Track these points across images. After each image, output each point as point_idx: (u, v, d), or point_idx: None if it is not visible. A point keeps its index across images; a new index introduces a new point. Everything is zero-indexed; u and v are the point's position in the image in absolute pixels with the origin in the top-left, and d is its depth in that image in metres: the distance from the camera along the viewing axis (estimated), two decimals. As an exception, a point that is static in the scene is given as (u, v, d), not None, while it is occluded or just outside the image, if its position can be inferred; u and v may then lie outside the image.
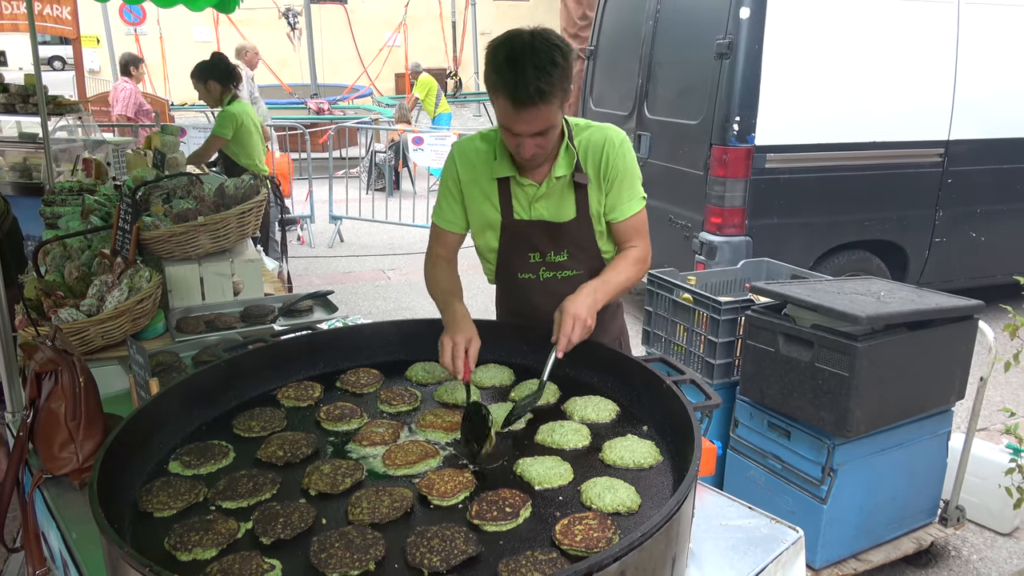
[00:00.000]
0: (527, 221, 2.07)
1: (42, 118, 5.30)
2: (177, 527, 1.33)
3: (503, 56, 1.76)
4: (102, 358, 2.39)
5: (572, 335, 1.80)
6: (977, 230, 5.73)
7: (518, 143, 1.88)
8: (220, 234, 2.86)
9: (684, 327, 3.54)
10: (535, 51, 1.74)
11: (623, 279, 2.02)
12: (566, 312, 1.83)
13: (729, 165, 4.87)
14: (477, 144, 2.10)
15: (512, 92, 1.75)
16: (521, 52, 1.74)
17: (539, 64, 1.73)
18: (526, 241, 2.09)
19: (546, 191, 2.04)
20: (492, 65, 1.79)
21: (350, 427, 1.74)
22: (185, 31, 17.97)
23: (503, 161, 2.03)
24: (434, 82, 13.03)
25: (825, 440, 2.89)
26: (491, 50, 1.81)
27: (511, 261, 2.13)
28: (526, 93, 1.74)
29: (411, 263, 8.13)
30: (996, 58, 5.43)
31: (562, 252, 2.10)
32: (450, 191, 2.14)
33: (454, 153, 2.13)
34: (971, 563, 3.35)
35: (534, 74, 1.72)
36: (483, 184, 2.08)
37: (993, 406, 4.56)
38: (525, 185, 2.04)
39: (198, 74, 5.37)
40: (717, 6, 4.91)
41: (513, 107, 1.77)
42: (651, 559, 1.19)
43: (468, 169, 2.09)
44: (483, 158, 2.07)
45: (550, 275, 2.12)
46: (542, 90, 1.74)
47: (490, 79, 1.81)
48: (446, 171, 2.15)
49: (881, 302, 2.89)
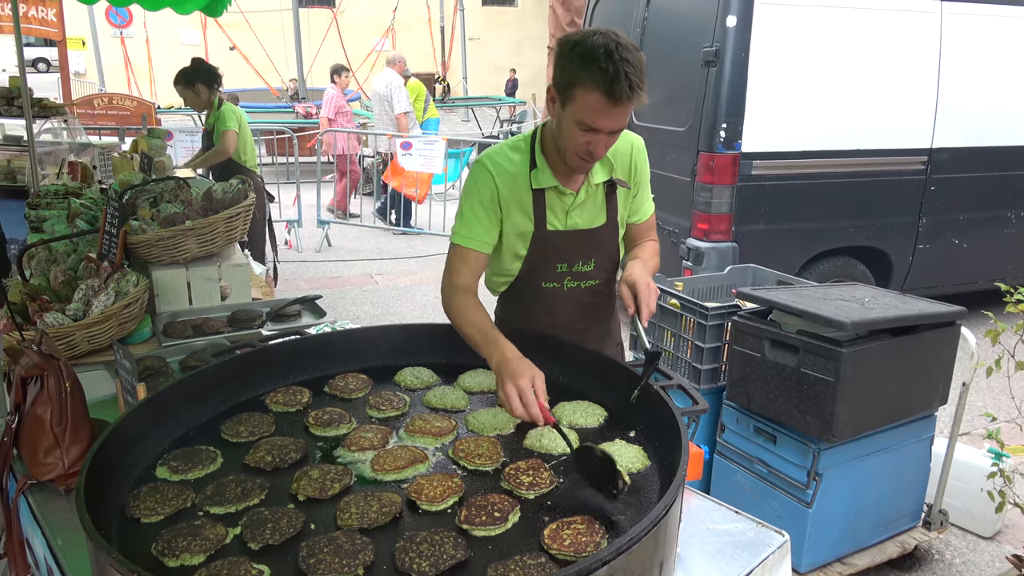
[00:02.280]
0: (561, 232, 2.05)
1: (27, 121, 5.26)
2: (165, 533, 1.32)
3: (599, 48, 1.72)
4: (88, 363, 2.38)
5: (651, 303, 1.83)
6: (959, 237, 5.81)
7: (593, 142, 1.83)
8: (208, 238, 2.85)
9: (671, 332, 3.56)
10: (628, 49, 1.73)
11: (655, 263, 2.12)
12: (639, 282, 1.84)
13: (716, 172, 4.91)
14: (509, 155, 2.03)
15: (611, 87, 1.71)
16: (618, 49, 1.72)
17: (634, 63, 1.72)
18: (556, 252, 2.06)
19: (584, 199, 2.04)
20: (584, 58, 1.73)
21: (339, 432, 1.73)
22: (172, 34, 17.90)
23: (543, 171, 1.99)
24: (422, 87, 13.02)
25: (810, 445, 2.91)
26: (575, 44, 1.77)
27: (537, 270, 2.09)
28: (626, 88, 1.71)
29: (398, 268, 8.12)
30: (978, 68, 5.51)
31: (590, 262, 2.10)
32: (484, 208, 2.01)
33: (489, 167, 2.01)
34: (954, 566, 3.39)
35: (632, 71, 1.71)
36: (520, 195, 2.01)
37: (975, 411, 4.61)
38: (564, 194, 2.02)
39: (184, 79, 5.38)
40: (704, 14, 4.95)
41: (609, 101, 1.73)
42: (639, 563, 1.19)
43: (508, 182, 2.00)
44: (520, 168, 2.01)
45: (574, 285, 2.12)
46: (637, 87, 1.73)
47: (577, 74, 1.75)
48: (480, 186, 2.01)
49: (866, 308, 2.92)
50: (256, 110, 13.15)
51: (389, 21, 18.27)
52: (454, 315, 1.98)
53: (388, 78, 9.34)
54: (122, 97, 11.44)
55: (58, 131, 7.61)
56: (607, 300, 2.26)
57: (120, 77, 16.92)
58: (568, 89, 1.79)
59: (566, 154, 1.91)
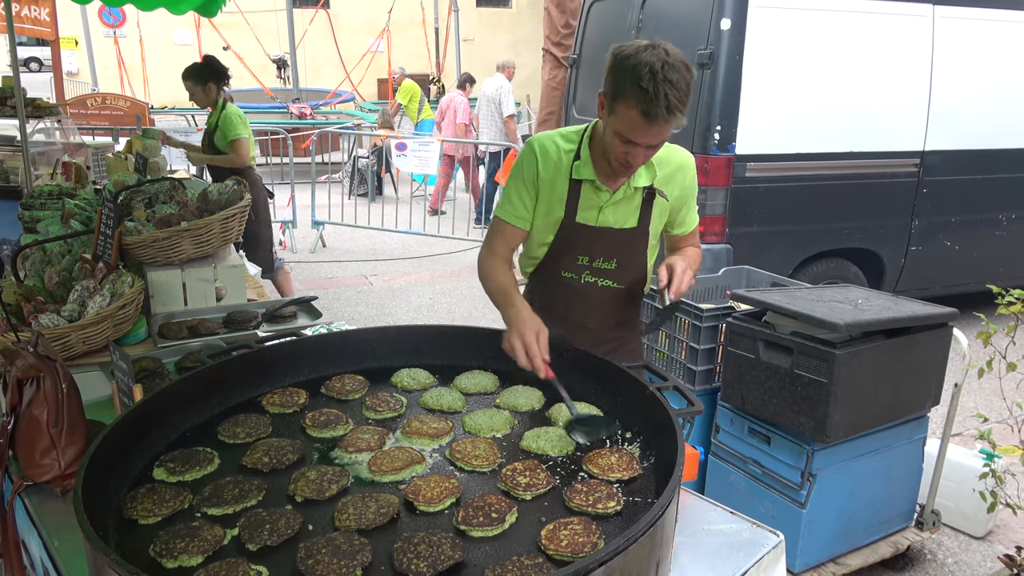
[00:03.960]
0: (589, 227, 2.11)
1: (20, 121, 5.24)
2: (162, 534, 1.32)
3: (643, 67, 1.76)
4: (83, 364, 2.37)
5: (683, 284, 1.88)
6: (951, 239, 5.85)
7: (631, 153, 1.89)
8: (203, 239, 2.84)
9: (666, 334, 3.58)
10: (675, 69, 1.77)
11: (697, 263, 2.17)
12: (677, 264, 1.90)
13: (710, 174, 4.92)
14: (558, 142, 2.10)
15: (648, 106, 1.76)
16: (663, 68, 1.75)
17: (677, 83, 1.76)
18: (580, 244, 2.13)
19: (620, 199, 2.09)
20: (628, 75, 1.78)
21: (336, 433, 1.74)
22: (165, 34, 17.82)
23: (586, 164, 2.06)
24: (417, 88, 13.04)
25: (804, 445, 2.93)
26: (623, 59, 1.81)
27: (559, 257, 2.16)
28: (664, 109, 1.76)
29: (393, 269, 8.12)
30: (969, 71, 5.55)
31: (611, 261, 2.15)
32: (526, 186, 2.11)
33: (536, 149, 2.10)
34: (946, 566, 3.41)
35: (673, 93, 1.75)
36: (558, 182, 2.09)
37: (967, 412, 4.64)
38: (601, 191, 2.08)
39: (196, 75, 5.20)
40: (698, 17, 4.97)
41: (645, 120, 1.79)
42: (636, 563, 1.20)
43: (550, 166, 2.09)
44: (564, 157, 2.09)
45: (592, 280, 2.17)
46: (676, 109, 1.77)
47: (620, 89, 1.81)
48: (525, 165, 2.11)
49: (859, 310, 2.94)
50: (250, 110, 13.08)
51: (384, 22, 18.24)
52: (483, 277, 2.12)
53: (498, 82, 9.66)
54: (115, 97, 11.40)
55: (51, 131, 7.57)
56: (624, 305, 2.27)
57: (113, 77, 16.84)
58: (613, 100, 1.86)
59: (609, 157, 1.98)
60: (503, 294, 2.01)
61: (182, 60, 5.45)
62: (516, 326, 1.84)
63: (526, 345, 1.78)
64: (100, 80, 16.45)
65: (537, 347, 1.78)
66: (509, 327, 1.86)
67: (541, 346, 1.79)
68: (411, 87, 12.90)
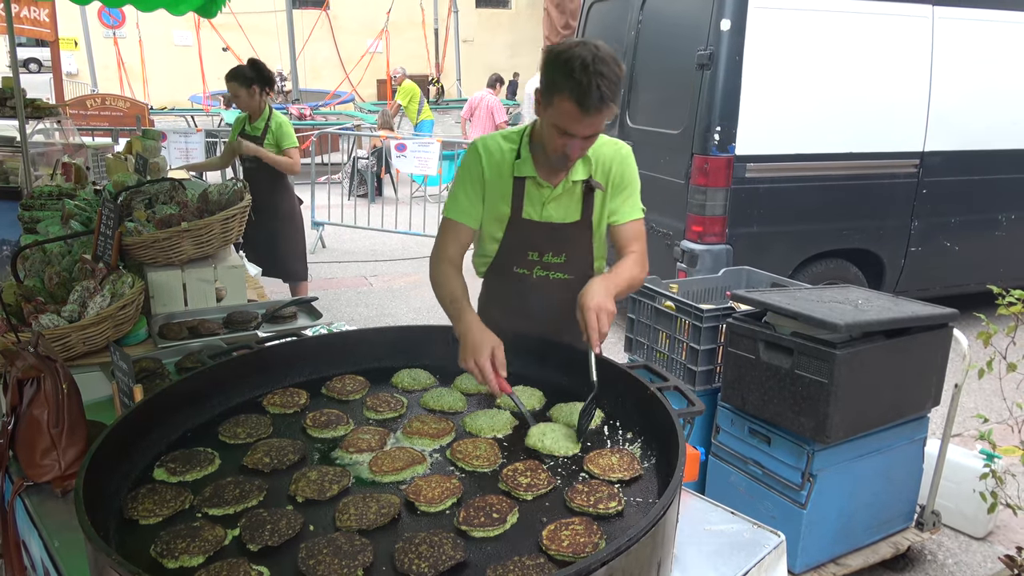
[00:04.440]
0: (535, 222, 2.18)
1: (20, 122, 5.23)
2: (163, 534, 1.32)
3: (576, 61, 1.84)
4: (84, 364, 2.37)
5: (602, 327, 1.85)
6: (951, 240, 5.85)
7: (568, 144, 1.97)
8: (203, 240, 2.84)
9: (666, 334, 3.58)
10: (603, 60, 1.85)
11: (628, 276, 2.12)
12: (587, 308, 1.86)
13: (710, 174, 4.93)
14: (500, 142, 2.20)
15: (582, 98, 1.85)
16: (594, 61, 1.84)
17: (606, 73, 1.84)
18: (529, 239, 2.20)
19: (560, 193, 2.16)
20: (561, 69, 1.87)
21: (336, 434, 1.74)
22: (165, 35, 17.80)
23: (526, 162, 2.14)
24: (417, 89, 13.05)
25: (805, 446, 2.93)
26: (556, 55, 1.90)
27: (510, 254, 2.24)
28: (595, 99, 1.84)
29: (393, 269, 8.12)
30: (969, 72, 5.55)
31: (560, 254, 2.22)
32: (472, 185, 2.19)
33: (479, 149, 2.19)
34: (947, 567, 3.41)
35: (605, 83, 1.84)
36: (502, 181, 2.18)
37: (967, 412, 4.64)
38: (542, 187, 2.16)
39: (241, 78, 4.98)
40: (698, 17, 4.97)
41: (580, 111, 1.87)
42: (637, 563, 1.20)
43: (493, 165, 2.17)
44: (506, 156, 2.17)
45: (543, 274, 2.24)
46: (607, 97, 1.86)
47: (555, 83, 1.89)
48: (469, 165, 2.19)
49: (859, 310, 2.94)
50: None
51: (383, 23, 18.25)
52: (435, 284, 2.17)
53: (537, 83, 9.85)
54: (115, 98, 11.40)
55: (51, 132, 7.57)
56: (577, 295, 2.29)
57: (112, 78, 16.83)
58: (549, 95, 1.94)
59: (548, 151, 2.05)
60: (454, 304, 2.05)
61: (181, 61, 5.49)
62: (470, 347, 1.88)
63: (481, 368, 1.83)
64: (99, 81, 16.47)
65: (491, 368, 1.83)
66: (462, 345, 1.91)
67: (497, 363, 1.84)
68: (411, 88, 12.90)
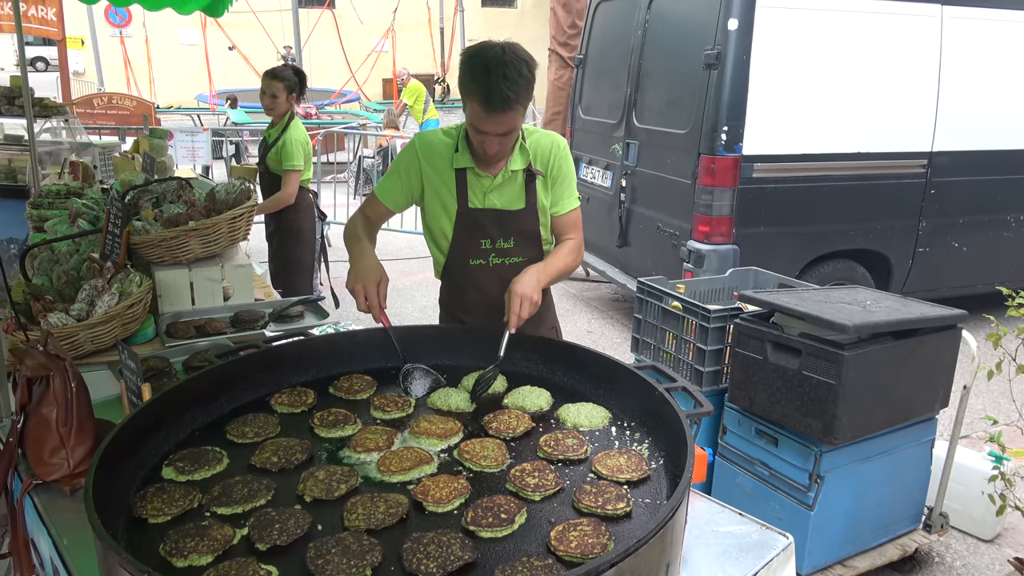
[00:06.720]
0: (480, 209, 2.27)
1: (28, 120, 5.26)
2: (172, 533, 1.32)
3: (479, 65, 1.95)
4: (92, 363, 2.38)
5: (522, 312, 1.98)
6: (959, 240, 5.82)
7: (485, 141, 2.08)
8: (211, 239, 2.85)
9: (673, 335, 3.57)
10: (506, 63, 1.94)
11: (562, 264, 2.26)
12: (514, 292, 2.00)
13: (717, 174, 4.91)
14: (440, 137, 2.29)
15: (485, 98, 1.95)
16: (494, 63, 1.93)
17: (509, 75, 1.93)
18: (479, 228, 2.29)
19: (500, 183, 2.25)
20: (468, 72, 1.99)
21: (344, 433, 1.74)
22: (171, 34, 17.85)
23: (464, 154, 2.23)
24: (422, 88, 13.06)
25: (812, 447, 2.92)
26: (466, 58, 2.02)
27: (464, 247, 2.32)
28: (498, 100, 1.94)
29: (399, 268, 8.12)
30: (977, 72, 5.52)
31: (510, 240, 2.31)
32: (401, 174, 2.30)
33: (416, 143, 2.29)
34: (954, 569, 3.40)
35: (505, 84, 1.93)
36: (443, 173, 2.26)
37: (976, 414, 4.62)
38: (481, 176, 2.25)
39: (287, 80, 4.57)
40: (705, 17, 4.96)
41: (484, 111, 1.98)
42: (646, 565, 1.20)
43: (430, 158, 2.27)
44: (445, 150, 2.26)
45: (499, 261, 2.33)
46: (511, 98, 1.95)
47: (464, 84, 2.02)
48: (405, 157, 2.30)
49: (867, 311, 2.92)
50: (255, 110, 13.13)
51: (389, 22, 18.27)
52: (346, 230, 2.28)
53: None
54: (122, 97, 11.46)
55: (58, 131, 7.60)
56: None
57: (119, 77, 16.88)
58: (461, 96, 2.07)
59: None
60: (354, 239, 2.21)
61: (188, 60, 5.48)
62: (359, 273, 2.05)
63: (366, 292, 2.00)
64: (106, 80, 16.51)
65: (376, 295, 2.01)
66: (352, 270, 2.07)
67: (381, 294, 2.02)
68: (416, 87, 12.92)
